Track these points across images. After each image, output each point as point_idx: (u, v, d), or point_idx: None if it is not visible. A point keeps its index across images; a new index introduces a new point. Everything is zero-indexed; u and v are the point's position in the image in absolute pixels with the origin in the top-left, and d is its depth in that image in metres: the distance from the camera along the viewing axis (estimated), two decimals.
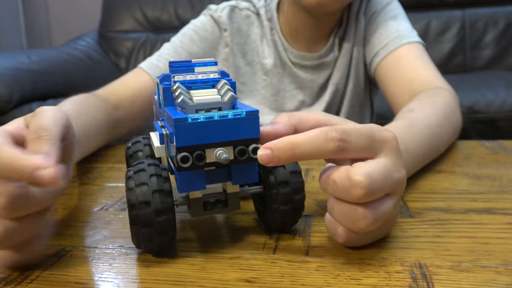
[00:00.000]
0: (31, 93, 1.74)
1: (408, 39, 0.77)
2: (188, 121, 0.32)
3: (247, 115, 0.34)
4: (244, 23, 0.86)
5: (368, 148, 0.33)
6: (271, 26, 0.86)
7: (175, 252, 0.37)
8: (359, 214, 0.32)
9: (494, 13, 1.89)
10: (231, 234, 0.40)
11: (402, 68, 0.74)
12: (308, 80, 0.85)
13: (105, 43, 2.25)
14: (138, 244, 0.35)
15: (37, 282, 0.33)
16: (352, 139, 0.32)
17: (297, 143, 0.32)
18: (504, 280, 0.30)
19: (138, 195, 0.33)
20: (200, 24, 0.86)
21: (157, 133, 0.40)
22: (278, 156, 0.32)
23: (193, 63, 0.39)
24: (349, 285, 0.30)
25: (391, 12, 0.81)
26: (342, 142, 0.32)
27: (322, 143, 0.32)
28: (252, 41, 0.87)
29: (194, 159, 0.33)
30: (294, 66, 0.85)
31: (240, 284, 0.31)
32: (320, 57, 0.84)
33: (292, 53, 0.85)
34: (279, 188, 0.36)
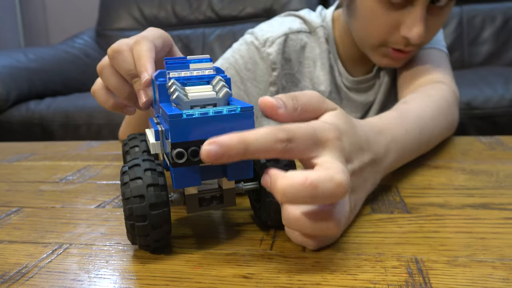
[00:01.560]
0: (28, 92, 1.74)
1: (435, 45, 0.79)
2: (183, 117, 0.32)
3: (241, 111, 0.34)
4: (298, 50, 0.79)
5: (312, 149, 0.32)
6: (328, 49, 0.80)
7: (172, 249, 0.37)
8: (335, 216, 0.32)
9: (491, 9, 1.89)
10: (227, 231, 0.40)
11: (416, 65, 0.75)
12: (361, 99, 0.85)
13: (102, 41, 2.25)
14: (133, 240, 0.35)
15: (34, 279, 0.33)
16: (297, 140, 0.32)
17: (249, 142, 0.30)
18: (501, 274, 0.30)
19: (133, 189, 0.33)
20: (241, 61, 0.76)
21: (152, 130, 0.41)
22: (228, 154, 0.29)
23: (188, 60, 0.39)
24: (345, 280, 0.31)
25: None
26: (288, 143, 0.31)
27: (271, 143, 0.31)
28: (306, 67, 0.81)
29: (189, 155, 0.33)
30: (349, 91, 0.84)
31: (237, 280, 0.31)
32: (372, 78, 0.84)
33: (347, 79, 0.83)
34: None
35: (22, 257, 0.37)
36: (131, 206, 0.33)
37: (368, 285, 0.30)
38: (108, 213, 0.45)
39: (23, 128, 1.66)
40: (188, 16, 2.18)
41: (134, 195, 0.33)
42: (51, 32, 2.75)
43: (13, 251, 0.38)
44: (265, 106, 0.34)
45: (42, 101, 1.71)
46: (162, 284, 0.31)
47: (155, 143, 0.38)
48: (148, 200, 0.33)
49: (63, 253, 0.37)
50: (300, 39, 0.79)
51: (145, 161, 0.35)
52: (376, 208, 0.43)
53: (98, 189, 0.53)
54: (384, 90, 0.85)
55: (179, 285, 0.31)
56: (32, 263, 0.35)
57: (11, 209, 0.48)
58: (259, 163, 0.37)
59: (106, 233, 0.41)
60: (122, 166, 0.35)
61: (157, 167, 0.34)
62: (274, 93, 0.78)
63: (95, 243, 0.39)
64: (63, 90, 1.88)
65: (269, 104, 0.34)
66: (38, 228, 0.42)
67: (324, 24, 0.81)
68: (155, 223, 0.33)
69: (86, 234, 0.41)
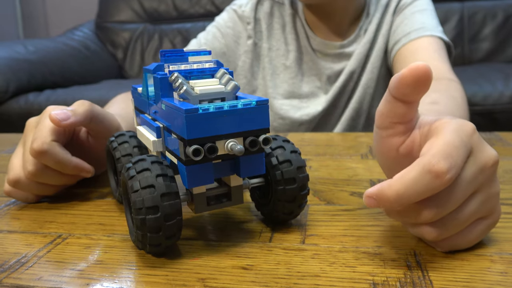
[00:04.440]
0: (28, 84, 1.74)
1: (432, 32, 0.78)
2: (199, 111, 0.30)
3: (257, 104, 0.32)
4: (267, 13, 0.89)
5: (466, 156, 0.30)
6: (293, 14, 0.88)
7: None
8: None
9: (492, 5, 1.88)
10: (227, 223, 0.40)
11: (418, 56, 0.75)
12: (326, 67, 0.87)
13: (102, 33, 2.25)
14: (143, 247, 0.33)
15: (33, 268, 0.33)
16: (456, 160, 0.28)
17: (399, 195, 0.28)
18: (499, 268, 0.30)
19: (145, 199, 0.31)
20: (222, 22, 0.90)
21: (146, 127, 0.39)
22: (385, 206, 0.29)
23: (186, 52, 0.37)
24: (344, 272, 0.31)
25: (420, 6, 0.82)
26: (451, 172, 0.28)
27: (428, 185, 0.28)
28: (275, 29, 0.90)
29: (206, 152, 0.31)
30: (315, 53, 0.87)
31: (236, 271, 0.31)
32: (342, 46, 0.86)
33: (315, 41, 0.87)
34: (286, 185, 0.35)
35: (21, 246, 0.37)
36: (141, 198, 0.31)
37: (366, 277, 0.30)
38: (108, 204, 0.45)
39: (22, 120, 1.64)
40: (188, 10, 2.18)
41: (143, 186, 0.31)
42: (51, 24, 2.74)
43: (13, 241, 0.38)
44: (418, 71, 0.29)
45: (41, 93, 1.70)
46: (162, 274, 0.32)
47: (156, 141, 0.36)
48: (158, 190, 0.31)
49: (63, 243, 0.37)
50: (271, 6, 0.90)
51: (155, 164, 0.33)
52: None
53: (98, 180, 0.53)
54: (355, 61, 0.85)
55: (178, 276, 0.31)
56: (32, 253, 0.35)
57: (11, 199, 0.48)
58: (271, 164, 0.36)
59: (105, 224, 0.41)
60: (127, 166, 0.33)
61: (168, 171, 0.33)
62: (250, 45, 0.89)
63: (95, 234, 0.39)
64: (62, 82, 1.88)
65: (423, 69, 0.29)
66: (37, 219, 0.42)
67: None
68: (170, 234, 0.32)
69: (85, 224, 0.41)
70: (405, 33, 0.79)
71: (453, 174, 0.28)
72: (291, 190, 0.35)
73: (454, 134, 0.30)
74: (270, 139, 0.33)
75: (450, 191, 0.29)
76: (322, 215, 0.40)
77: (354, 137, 0.69)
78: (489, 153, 0.31)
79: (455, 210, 0.30)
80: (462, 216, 0.30)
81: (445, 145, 0.29)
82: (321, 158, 0.58)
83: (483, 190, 0.31)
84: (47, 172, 0.44)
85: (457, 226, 0.31)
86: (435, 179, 0.27)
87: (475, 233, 0.32)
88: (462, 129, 0.30)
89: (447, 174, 0.27)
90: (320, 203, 0.43)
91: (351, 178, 0.50)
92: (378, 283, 0.29)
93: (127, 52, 2.20)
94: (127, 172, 0.33)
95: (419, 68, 0.29)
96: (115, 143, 0.42)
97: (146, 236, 0.31)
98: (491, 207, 0.32)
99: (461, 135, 0.30)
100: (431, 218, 0.30)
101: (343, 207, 0.42)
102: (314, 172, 0.53)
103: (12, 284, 0.31)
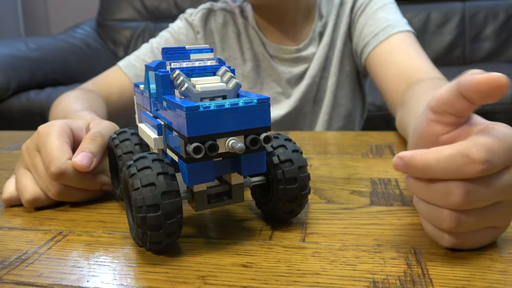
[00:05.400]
0: (29, 81, 1.74)
1: (399, 28, 0.77)
2: (200, 109, 0.30)
3: (258, 102, 0.32)
4: (220, 23, 0.89)
5: (508, 161, 0.29)
6: (245, 23, 0.88)
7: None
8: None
9: (494, 5, 1.88)
10: (227, 220, 0.40)
11: (395, 57, 0.74)
12: (285, 72, 0.87)
13: (103, 31, 2.25)
14: (143, 245, 0.33)
15: (34, 265, 0.33)
16: (497, 158, 0.28)
17: (428, 165, 0.28)
18: (499, 267, 0.30)
19: (146, 197, 0.31)
20: (176, 28, 0.90)
21: (148, 124, 0.39)
22: (410, 172, 0.29)
23: (188, 50, 0.37)
24: (344, 270, 0.31)
25: (379, 3, 0.81)
26: (487, 165, 0.27)
27: (460, 167, 0.28)
28: (229, 38, 0.89)
29: (206, 149, 0.31)
30: (272, 59, 0.87)
31: (236, 268, 0.31)
32: (298, 50, 0.86)
33: (270, 47, 0.87)
34: (287, 184, 0.35)
35: (22, 243, 0.37)
36: (142, 196, 0.31)
37: (367, 276, 0.30)
38: (108, 202, 0.45)
39: (23, 118, 1.65)
40: (189, 7, 2.17)
41: (144, 184, 0.31)
42: (52, 22, 2.74)
43: (13, 238, 0.38)
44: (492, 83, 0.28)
45: (43, 91, 1.70)
46: (162, 271, 0.32)
47: (157, 138, 0.36)
48: (159, 188, 0.31)
49: (63, 240, 0.37)
50: (223, 15, 0.89)
51: (155, 162, 0.32)
52: (375, 201, 0.43)
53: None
54: (315, 65, 0.85)
55: (179, 273, 0.31)
56: (32, 250, 0.36)
57: None
58: (272, 163, 0.36)
59: (106, 221, 0.41)
60: (128, 163, 0.33)
61: (169, 169, 0.32)
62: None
63: (95, 231, 0.39)
64: (63, 80, 1.88)
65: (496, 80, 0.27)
66: (38, 216, 0.43)
67: (239, 4, 0.91)
68: (170, 232, 0.32)
69: (86, 221, 0.41)
70: (373, 34, 0.78)
71: (487, 167, 0.28)
72: (292, 190, 0.35)
73: (506, 137, 0.29)
74: (271, 138, 0.33)
75: (485, 187, 0.29)
76: (323, 214, 0.40)
77: (354, 135, 0.69)
78: None
79: (480, 209, 0.30)
80: (482, 217, 0.30)
81: (493, 141, 0.28)
82: (322, 156, 0.58)
83: (507, 203, 0.31)
84: (71, 191, 0.43)
85: (474, 224, 0.30)
86: (469, 164, 0.27)
87: (480, 239, 0.32)
88: None
89: (482, 165, 0.27)
90: (320, 202, 0.43)
91: (352, 176, 0.50)
92: (378, 281, 0.29)
93: (128, 50, 2.20)
94: (128, 169, 0.32)
95: (499, 79, 0.27)
96: (116, 140, 0.42)
97: (147, 234, 0.31)
98: (504, 220, 0.32)
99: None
100: (458, 205, 0.29)
101: (343, 206, 0.42)
102: (314, 170, 0.53)
103: (13, 281, 0.31)
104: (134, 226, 0.33)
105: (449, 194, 0.29)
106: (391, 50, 0.75)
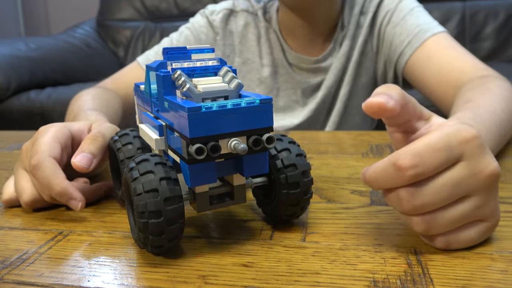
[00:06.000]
0: (29, 81, 1.74)
1: (432, 31, 0.74)
2: (202, 110, 0.30)
3: (261, 103, 0.32)
4: (241, 25, 0.87)
5: (448, 160, 0.30)
6: (267, 26, 0.87)
7: None
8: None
9: (494, 5, 1.88)
10: (228, 220, 0.40)
11: (436, 62, 0.71)
12: (303, 82, 0.86)
13: (103, 31, 2.24)
14: (144, 247, 0.33)
15: (34, 265, 0.33)
16: (426, 160, 0.30)
17: (371, 178, 0.32)
18: (499, 266, 0.30)
19: (149, 203, 0.30)
20: (197, 25, 0.88)
21: (148, 125, 0.39)
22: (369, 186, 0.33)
23: (189, 50, 0.37)
24: (344, 270, 0.31)
25: (406, 8, 0.79)
26: (415, 169, 0.30)
27: (393, 176, 0.30)
28: (249, 41, 0.88)
29: (208, 150, 0.31)
30: (290, 67, 0.86)
31: (237, 268, 0.31)
32: (317, 61, 0.85)
33: (290, 54, 0.85)
34: (290, 189, 0.35)
35: (22, 243, 0.37)
36: (145, 202, 0.30)
37: (367, 275, 0.30)
38: (109, 201, 0.45)
39: (24, 118, 1.65)
40: (189, 8, 2.17)
41: (147, 190, 0.30)
42: (52, 22, 2.74)
43: (14, 238, 0.38)
44: (372, 108, 0.31)
45: (43, 91, 1.70)
46: (162, 271, 0.32)
47: (158, 139, 0.36)
48: (162, 194, 0.31)
49: (64, 240, 0.37)
50: (245, 17, 0.88)
51: (158, 166, 0.32)
52: (376, 200, 0.43)
53: (99, 179, 0.53)
54: (332, 75, 0.84)
55: (180, 273, 0.31)
56: (33, 250, 0.36)
57: None
58: (276, 167, 0.36)
59: (106, 221, 0.41)
60: (130, 166, 0.32)
61: (171, 174, 0.32)
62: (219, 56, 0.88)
63: (96, 231, 0.39)
64: (63, 80, 1.88)
65: (376, 105, 0.31)
66: (38, 215, 0.43)
67: (263, 5, 0.88)
68: (172, 236, 0.31)
69: (86, 222, 0.41)
70: (406, 42, 0.76)
71: (418, 171, 0.30)
72: (294, 195, 0.35)
73: (440, 137, 0.31)
74: (273, 138, 0.33)
75: (429, 188, 0.30)
76: (323, 213, 0.40)
77: (355, 135, 0.69)
78: (487, 162, 0.31)
79: (444, 209, 0.31)
80: (451, 216, 0.31)
81: (422, 145, 0.30)
82: (322, 156, 0.58)
83: (477, 196, 0.31)
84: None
85: (446, 224, 0.31)
86: (397, 172, 0.30)
87: (470, 234, 0.32)
88: (457, 134, 0.31)
89: (410, 170, 0.29)
90: (321, 201, 0.43)
91: (352, 176, 0.50)
92: (379, 280, 0.29)
93: (128, 50, 2.20)
94: (130, 172, 0.32)
95: (377, 104, 0.31)
96: (118, 143, 0.41)
97: (148, 238, 0.31)
98: (489, 213, 0.32)
99: (450, 139, 0.31)
100: (413, 211, 0.31)
101: (343, 205, 0.42)
102: (315, 170, 0.53)
103: (13, 280, 0.31)
104: (135, 229, 0.33)
105: (399, 200, 0.31)
106: (429, 57, 0.72)
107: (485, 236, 0.33)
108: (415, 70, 0.75)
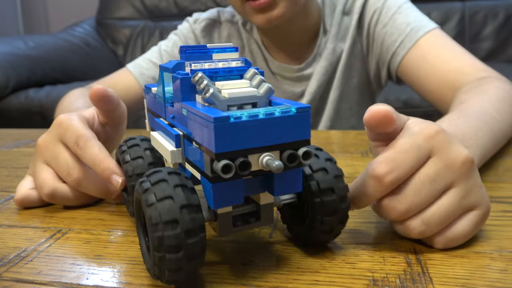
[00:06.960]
0: (28, 79, 1.74)
1: (423, 29, 0.72)
2: (231, 120, 0.25)
3: (297, 112, 0.27)
4: (224, 36, 0.88)
5: (418, 159, 0.31)
6: (248, 37, 0.86)
7: None
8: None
9: (494, 5, 1.88)
10: None
11: (431, 63, 0.69)
12: (287, 91, 0.85)
13: (103, 30, 2.24)
14: (160, 275, 0.27)
15: (33, 262, 0.33)
16: (400, 163, 0.31)
17: (353, 194, 0.33)
18: (499, 265, 0.30)
19: (162, 212, 0.26)
20: (185, 31, 0.89)
21: (162, 133, 0.35)
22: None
23: (209, 49, 0.33)
24: (344, 268, 0.31)
25: (394, 6, 0.76)
26: (392, 175, 0.30)
27: (373, 186, 0.31)
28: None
29: (237, 168, 0.26)
30: (274, 76, 0.86)
31: (236, 266, 0.31)
32: (300, 70, 0.84)
33: (273, 64, 0.85)
34: (323, 196, 0.31)
35: (21, 241, 0.37)
36: (158, 211, 0.26)
37: (366, 274, 0.30)
38: (109, 201, 0.45)
39: (22, 116, 1.65)
40: (189, 7, 2.17)
41: (160, 198, 0.26)
42: (51, 20, 2.73)
43: (13, 235, 0.38)
44: (377, 116, 0.31)
45: (42, 89, 1.70)
46: None
47: (175, 151, 0.31)
48: (177, 201, 0.26)
49: (62, 237, 0.37)
50: (228, 28, 0.87)
51: (167, 168, 0.28)
52: None
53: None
54: (315, 81, 0.83)
55: None
56: (31, 247, 0.36)
57: (11, 194, 0.48)
58: (304, 174, 0.31)
59: (105, 219, 0.41)
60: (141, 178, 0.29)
61: (187, 183, 0.28)
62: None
63: (95, 229, 0.39)
64: (62, 78, 1.87)
65: (382, 112, 0.31)
66: (37, 213, 0.42)
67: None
68: (189, 231, 0.26)
69: (85, 219, 0.41)
70: (398, 43, 0.73)
71: (395, 175, 0.31)
72: (330, 202, 0.31)
73: (406, 139, 0.32)
74: (311, 153, 0.28)
75: (414, 189, 0.31)
76: None
77: (354, 134, 0.69)
78: (457, 151, 0.32)
79: (431, 206, 0.31)
80: (440, 211, 0.31)
81: (392, 150, 0.31)
82: None
83: (458, 186, 0.32)
84: (89, 180, 0.42)
85: (438, 221, 0.31)
86: (377, 182, 0.31)
87: (466, 225, 0.32)
88: (420, 133, 0.32)
89: (387, 177, 0.30)
90: None
91: (351, 175, 0.50)
92: (378, 279, 0.29)
93: (128, 48, 2.20)
94: (140, 185, 0.28)
95: (380, 112, 0.31)
96: (127, 155, 0.38)
97: (164, 259, 0.26)
98: (475, 200, 0.32)
99: (416, 139, 0.32)
100: (401, 216, 0.31)
101: None
102: None
103: (12, 278, 0.31)
104: (149, 253, 0.28)
105: (385, 210, 0.32)
106: (424, 57, 0.71)
107: (480, 225, 0.33)
108: (409, 71, 0.73)
